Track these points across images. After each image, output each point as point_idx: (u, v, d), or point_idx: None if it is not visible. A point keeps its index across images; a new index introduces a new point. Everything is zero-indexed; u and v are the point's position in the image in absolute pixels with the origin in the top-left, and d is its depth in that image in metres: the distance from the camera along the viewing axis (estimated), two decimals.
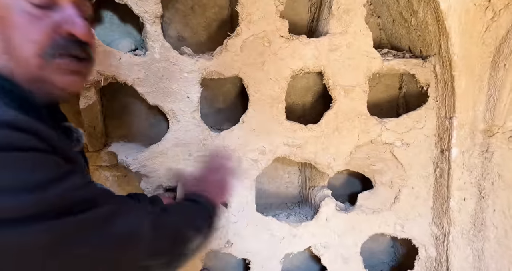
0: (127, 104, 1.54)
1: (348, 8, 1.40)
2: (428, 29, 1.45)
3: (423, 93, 1.58)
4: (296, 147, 1.46)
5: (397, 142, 1.55)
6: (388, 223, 1.62)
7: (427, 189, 1.62)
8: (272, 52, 1.36)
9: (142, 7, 1.21)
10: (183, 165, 1.35)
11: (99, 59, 1.19)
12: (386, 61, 1.48)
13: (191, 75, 1.30)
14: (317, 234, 1.56)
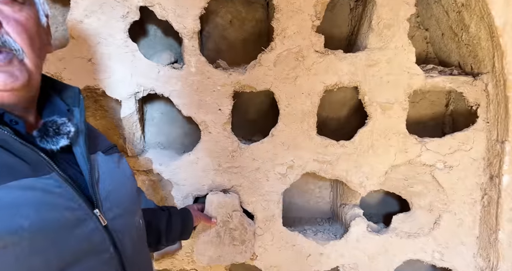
0: (165, 112, 1.62)
1: (390, 23, 1.34)
2: (480, 45, 1.33)
3: (473, 112, 1.46)
4: (327, 164, 1.43)
5: (438, 164, 1.45)
6: (425, 249, 1.52)
7: (472, 217, 1.48)
8: (305, 67, 1.35)
9: (181, 24, 1.27)
10: (213, 175, 1.39)
11: (140, 72, 1.29)
12: (430, 78, 1.39)
13: (224, 88, 1.34)
14: (346, 254, 1.50)
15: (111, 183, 0.76)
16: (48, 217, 0.60)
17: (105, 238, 0.68)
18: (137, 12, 1.25)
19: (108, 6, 1.20)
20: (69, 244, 0.62)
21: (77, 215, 0.64)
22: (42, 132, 0.67)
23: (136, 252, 0.78)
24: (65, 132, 0.69)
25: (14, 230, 0.55)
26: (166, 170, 1.38)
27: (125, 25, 1.24)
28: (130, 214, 0.80)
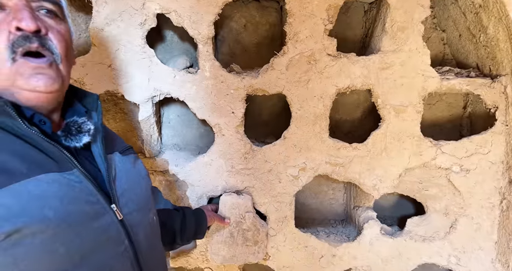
0: (181, 115, 1.67)
1: (404, 25, 1.33)
2: (499, 47, 1.30)
3: (491, 115, 1.42)
4: (339, 166, 1.43)
5: (455, 167, 1.42)
6: (441, 253, 1.50)
7: (490, 222, 1.45)
8: (318, 70, 1.36)
9: (196, 30, 1.31)
10: (226, 176, 1.43)
11: (157, 77, 1.34)
12: (446, 80, 1.37)
13: (237, 92, 1.37)
14: (359, 256, 1.51)
15: (126, 181, 0.82)
16: (70, 209, 0.65)
17: (120, 231, 0.73)
18: (154, 19, 1.30)
19: (127, 14, 1.26)
20: (88, 235, 0.67)
21: (96, 209, 0.70)
22: (66, 131, 0.73)
23: (150, 247, 0.83)
24: (86, 129, 0.75)
25: (41, 219, 0.61)
26: (181, 171, 1.42)
27: (142, 32, 1.30)
28: (144, 210, 0.85)
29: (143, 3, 1.27)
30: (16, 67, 0.63)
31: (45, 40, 0.67)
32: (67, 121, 0.75)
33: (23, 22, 0.63)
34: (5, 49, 0.62)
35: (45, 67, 0.66)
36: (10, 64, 0.63)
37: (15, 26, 0.63)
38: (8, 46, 0.62)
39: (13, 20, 0.63)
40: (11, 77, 0.64)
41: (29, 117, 0.67)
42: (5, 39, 0.62)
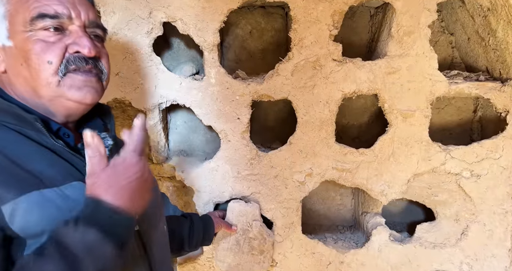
0: (188, 121, 1.69)
1: (410, 30, 1.32)
2: (509, 50, 1.28)
3: (502, 119, 1.39)
4: (346, 172, 1.42)
5: (465, 173, 1.40)
6: (452, 260, 1.47)
7: (503, 228, 1.42)
8: (323, 76, 1.36)
9: (202, 37, 1.33)
10: (232, 182, 1.43)
11: (163, 84, 1.36)
12: (454, 84, 1.35)
13: (243, 98, 1.37)
14: (367, 263, 1.49)
15: None
16: None
17: (136, 239, 0.76)
18: (161, 28, 1.32)
19: (134, 23, 1.29)
20: None
21: None
22: None
23: (162, 255, 0.86)
24: (106, 145, 0.76)
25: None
26: (188, 177, 1.43)
27: (149, 40, 1.32)
28: (156, 220, 0.87)
29: (150, 12, 1.29)
30: (66, 81, 0.69)
31: (97, 62, 0.74)
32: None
33: (86, 49, 0.69)
34: (58, 63, 0.68)
35: (94, 81, 0.73)
36: (60, 78, 0.69)
37: (75, 50, 0.69)
38: (62, 62, 0.68)
39: (74, 44, 0.69)
40: (59, 89, 0.69)
41: (55, 131, 0.72)
42: (61, 55, 0.68)
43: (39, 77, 0.68)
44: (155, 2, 1.28)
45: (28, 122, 0.67)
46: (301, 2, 1.31)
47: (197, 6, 1.30)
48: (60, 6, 0.68)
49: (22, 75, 0.69)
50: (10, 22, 0.68)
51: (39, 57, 0.67)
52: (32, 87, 0.69)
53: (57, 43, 0.68)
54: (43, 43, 0.67)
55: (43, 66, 0.67)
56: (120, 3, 1.26)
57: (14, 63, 0.69)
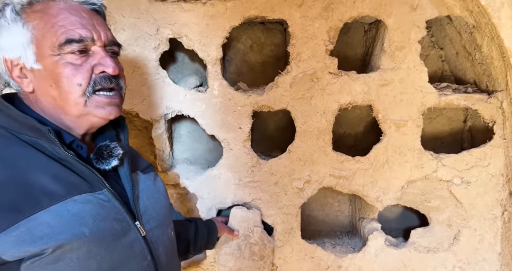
0: (191, 131, 1.76)
1: (401, 45, 1.40)
2: (493, 64, 1.37)
3: (490, 129, 1.47)
4: (343, 179, 1.49)
5: (456, 180, 1.47)
6: (445, 264, 1.52)
7: (493, 233, 1.48)
8: (320, 88, 1.43)
9: (205, 52, 1.41)
10: (234, 189, 1.50)
11: (169, 96, 1.43)
12: (444, 96, 1.43)
13: (244, 108, 1.45)
14: (364, 267, 1.54)
15: (147, 199, 0.89)
16: (101, 226, 0.73)
17: (144, 247, 0.81)
18: (167, 43, 1.40)
19: (142, 39, 1.37)
20: (117, 251, 0.75)
21: (123, 226, 0.77)
22: (98, 155, 0.82)
23: (168, 261, 0.90)
24: (116, 154, 0.83)
25: (79, 236, 0.69)
26: (191, 184, 1.50)
27: (156, 55, 1.40)
28: (164, 226, 0.91)
29: (157, 29, 1.37)
30: (93, 100, 0.76)
31: (118, 80, 0.80)
32: (100, 145, 0.83)
33: (111, 69, 0.76)
34: (86, 85, 0.75)
35: (116, 98, 0.80)
36: (87, 98, 0.75)
37: (101, 70, 0.76)
38: (90, 84, 0.75)
39: (99, 65, 0.76)
40: (87, 109, 0.76)
41: (68, 143, 0.77)
42: (88, 77, 0.75)
43: (69, 98, 0.74)
44: (162, 19, 1.37)
45: (42, 133, 0.72)
46: (298, 19, 1.40)
47: (201, 23, 1.38)
48: (84, 30, 0.74)
49: (51, 95, 0.75)
50: (37, 47, 0.73)
51: (69, 80, 0.73)
52: (60, 106, 0.76)
53: (84, 65, 0.74)
54: (72, 66, 0.73)
55: (73, 88, 0.74)
56: (129, 21, 1.35)
57: (43, 84, 0.75)
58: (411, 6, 1.38)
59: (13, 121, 0.73)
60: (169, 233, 0.94)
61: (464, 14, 1.35)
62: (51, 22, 0.73)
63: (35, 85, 0.76)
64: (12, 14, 0.73)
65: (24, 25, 0.73)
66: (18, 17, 0.73)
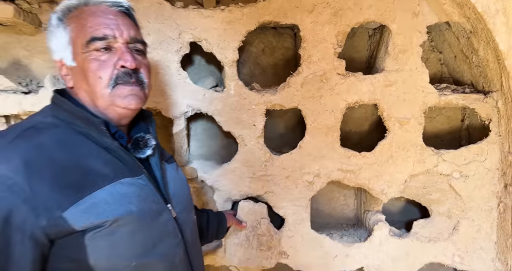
0: (206, 129, 1.87)
1: (404, 48, 1.52)
2: (489, 67, 1.48)
3: (486, 127, 1.58)
4: (350, 173, 1.60)
5: (455, 174, 1.58)
6: (445, 253, 1.63)
7: (490, 223, 1.59)
8: (329, 88, 1.55)
9: (223, 54, 1.52)
10: (248, 182, 1.60)
11: (189, 95, 1.54)
12: (444, 96, 1.54)
13: (258, 107, 1.56)
14: (370, 256, 1.65)
15: (174, 186, 0.99)
16: (143, 206, 0.84)
17: (175, 226, 0.92)
18: (188, 47, 1.51)
19: (166, 43, 1.48)
20: (155, 228, 0.86)
21: (158, 207, 0.88)
22: (135, 145, 0.92)
23: (193, 240, 1.02)
24: (150, 145, 0.94)
25: (129, 212, 0.80)
26: (209, 177, 1.60)
27: (178, 57, 1.51)
28: (188, 210, 1.03)
29: (179, 34, 1.49)
30: (115, 91, 0.84)
31: (139, 74, 0.87)
32: (136, 136, 0.93)
33: (128, 63, 0.83)
34: (109, 80, 0.83)
35: (138, 90, 0.87)
36: (110, 90, 0.84)
37: (121, 65, 0.84)
38: (112, 78, 0.83)
39: (119, 60, 0.84)
40: (111, 99, 0.84)
41: (113, 133, 0.86)
42: (111, 73, 0.83)
43: (95, 90, 0.83)
44: (184, 25, 1.48)
45: (94, 124, 0.82)
46: (309, 24, 1.52)
47: (219, 28, 1.50)
48: (107, 29, 0.83)
49: (83, 88, 0.85)
50: (74, 46, 0.83)
51: (94, 74, 0.82)
52: (91, 98, 0.85)
53: (107, 61, 0.83)
54: (96, 62, 0.82)
55: (97, 81, 0.82)
56: (154, 26, 1.46)
57: (78, 79, 0.85)
58: (413, 13, 1.50)
59: (68, 114, 0.83)
60: (192, 216, 1.05)
61: (461, 20, 1.47)
62: (82, 24, 0.83)
63: (74, 81, 0.86)
64: (57, 21, 0.85)
65: (64, 28, 0.84)
66: (60, 22, 0.85)
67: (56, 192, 0.73)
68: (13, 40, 1.51)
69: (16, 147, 0.74)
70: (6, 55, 1.53)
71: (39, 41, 1.52)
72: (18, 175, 0.70)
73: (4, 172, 0.69)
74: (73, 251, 0.76)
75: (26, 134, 0.77)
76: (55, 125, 0.82)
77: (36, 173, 0.72)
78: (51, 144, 0.77)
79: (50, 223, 0.71)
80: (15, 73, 1.53)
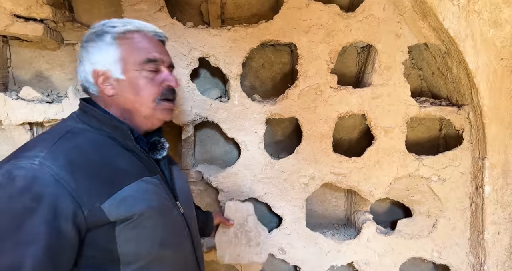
0: (210, 135, 2.03)
1: (389, 65, 1.72)
2: (461, 83, 1.70)
3: (460, 136, 1.79)
4: (341, 176, 1.78)
5: (433, 177, 1.77)
6: (425, 249, 1.81)
7: (464, 221, 1.78)
8: (323, 99, 1.73)
9: (228, 69, 1.69)
10: (250, 184, 1.76)
11: (198, 105, 1.70)
12: (423, 108, 1.75)
13: (259, 116, 1.73)
14: (359, 252, 1.82)
15: (179, 185, 1.10)
16: (159, 202, 0.94)
17: (183, 221, 1.01)
18: (197, 62, 1.68)
19: (177, 58, 1.65)
20: (170, 221, 0.98)
21: (170, 204, 0.98)
22: (153, 148, 1.02)
23: (197, 234, 1.13)
24: (166, 147, 1.05)
25: (151, 207, 0.90)
26: (214, 180, 1.76)
27: (188, 71, 1.68)
28: (191, 208, 1.15)
29: (190, 50, 1.65)
30: (159, 106, 0.98)
31: (175, 92, 1.03)
32: (154, 140, 1.02)
33: (173, 83, 1.00)
34: (157, 95, 0.97)
35: (173, 107, 1.03)
36: (156, 104, 0.97)
37: (167, 84, 0.99)
38: (159, 93, 0.98)
39: (166, 80, 0.99)
40: (154, 111, 0.98)
41: (135, 137, 0.96)
42: (158, 90, 0.97)
43: (143, 102, 0.95)
44: (194, 42, 1.65)
45: (120, 130, 0.92)
46: (305, 43, 1.70)
47: (226, 46, 1.67)
48: (158, 54, 0.97)
49: (130, 99, 0.97)
50: (124, 63, 0.94)
51: (145, 90, 0.95)
52: (135, 107, 0.96)
53: (155, 80, 0.97)
54: (147, 80, 0.95)
55: (148, 95, 0.95)
56: (168, 43, 1.61)
57: (124, 90, 0.96)
58: (396, 35, 1.71)
59: (96, 120, 0.94)
60: (194, 213, 1.16)
61: (437, 42, 1.68)
62: (135, 46, 0.95)
63: (117, 91, 0.97)
64: (111, 39, 0.97)
65: (118, 47, 0.96)
66: (114, 41, 0.96)
67: (95, 186, 0.82)
68: (37, 55, 1.66)
69: (60, 148, 0.85)
70: (30, 67, 1.67)
71: (60, 56, 1.66)
72: (64, 171, 0.79)
73: (52, 169, 0.79)
74: (104, 241, 0.86)
75: (66, 137, 0.88)
76: (86, 129, 0.93)
77: (78, 170, 0.81)
78: (86, 146, 0.88)
79: (91, 213, 0.81)
80: (37, 84, 1.67)
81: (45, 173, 0.78)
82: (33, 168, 0.77)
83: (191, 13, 1.97)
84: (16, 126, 1.54)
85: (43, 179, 0.77)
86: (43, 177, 0.77)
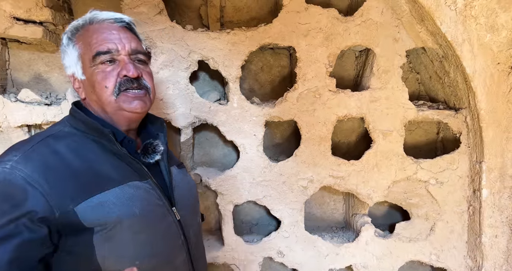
0: (209, 138, 2.03)
1: (387, 69, 1.73)
2: (458, 87, 1.71)
3: (457, 139, 1.81)
4: (340, 179, 1.78)
5: (431, 180, 1.78)
6: (423, 252, 1.82)
7: (461, 225, 1.79)
8: (321, 102, 1.74)
9: (228, 71, 1.70)
10: (248, 187, 1.76)
11: (197, 108, 1.70)
12: (421, 111, 1.76)
13: (258, 118, 1.73)
14: (357, 255, 1.82)
15: (181, 190, 1.04)
16: (147, 209, 0.90)
17: (178, 228, 0.96)
18: (196, 65, 1.69)
19: (177, 61, 1.65)
20: (158, 230, 0.92)
21: (162, 210, 0.94)
22: (144, 151, 0.97)
23: (197, 242, 1.06)
24: (158, 150, 1.00)
25: (132, 214, 0.86)
26: (213, 182, 1.75)
27: (187, 74, 1.68)
28: (194, 213, 1.10)
29: (189, 53, 1.66)
30: (120, 98, 0.92)
31: (141, 81, 0.95)
32: (146, 142, 0.99)
33: (130, 72, 0.91)
34: (113, 87, 0.91)
35: (142, 95, 0.95)
36: (115, 97, 0.91)
37: (123, 75, 0.91)
38: (116, 85, 0.91)
39: (122, 70, 0.91)
40: (117, 105, 0.92)
41: (121, 140, 0.93)
42: (114, 81, 0.91)
43: (102, 98, 0.91)
44: (193, 45, 1.65)
45: (104, 133, 0.89)
46: (304, 46, 1.71)
47: (225, 49, 1.68)
48: (110, 44, 0.90)
49: (93, 99, 0.93)
50: (82, 62, 0.92)
51: (100, 85, 0.90)
52: (100, 106, 0.93)
53: (112, 72, 0.91)
54: (102, 73, 0.90)
55: (102, 90, 0.90)
56: (167, 46, 1.63)
57: (88, 91, 0.93)
58: (394, 39, 1.72)
59: (82, 124, 0.93)
60: (198, 219, 1.12)
61: (435, 47, 1.70)
62: (88, 41, 0.91)
63: (85, 93, 0.94)
64: (67, 40, 0.95)
65: (73, 46, 0.94)
66: (70, 41, 0.95)
67: (70, 189, 0.82)
68: (35, 57, 1.66)
69: (36, 151, 0.84)
70: (29, 70, 1.67)
71: (59, 58, 1.64)
72: (36, 173, 0.79)
73: (26, 171, 0.80)
74: (83, 250, 0.84)
75: (45, 141, 0.88)
76: (72, 133, 0.91)
77: (52, 173, 0.81)
78: (65, 151, 0.86)
79: (63, 215, 0.80)
80: (36, 87, 1.66)
81: (16, 176, 0.78)
82: (4, 171, 0.79)
83: (191, 16, 1.98)
84: (14, 129, 1.53)
85: (12, 181, 0.78)
86: (13, 179, 0.78)
